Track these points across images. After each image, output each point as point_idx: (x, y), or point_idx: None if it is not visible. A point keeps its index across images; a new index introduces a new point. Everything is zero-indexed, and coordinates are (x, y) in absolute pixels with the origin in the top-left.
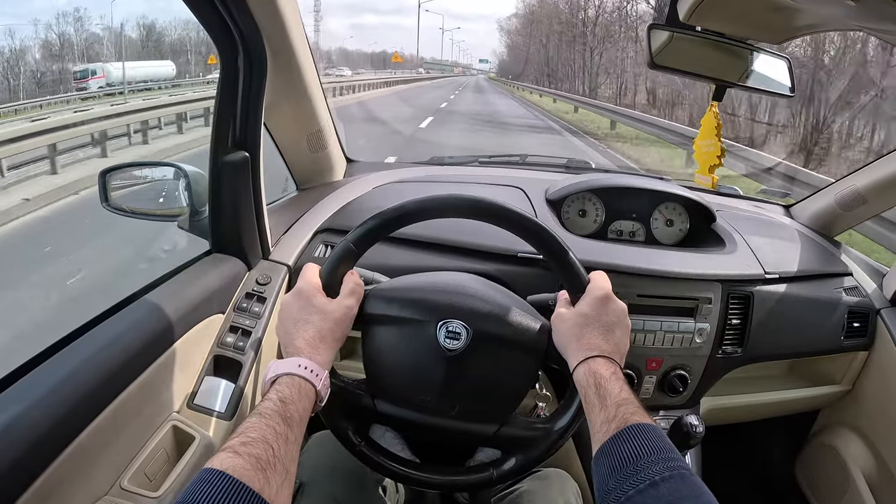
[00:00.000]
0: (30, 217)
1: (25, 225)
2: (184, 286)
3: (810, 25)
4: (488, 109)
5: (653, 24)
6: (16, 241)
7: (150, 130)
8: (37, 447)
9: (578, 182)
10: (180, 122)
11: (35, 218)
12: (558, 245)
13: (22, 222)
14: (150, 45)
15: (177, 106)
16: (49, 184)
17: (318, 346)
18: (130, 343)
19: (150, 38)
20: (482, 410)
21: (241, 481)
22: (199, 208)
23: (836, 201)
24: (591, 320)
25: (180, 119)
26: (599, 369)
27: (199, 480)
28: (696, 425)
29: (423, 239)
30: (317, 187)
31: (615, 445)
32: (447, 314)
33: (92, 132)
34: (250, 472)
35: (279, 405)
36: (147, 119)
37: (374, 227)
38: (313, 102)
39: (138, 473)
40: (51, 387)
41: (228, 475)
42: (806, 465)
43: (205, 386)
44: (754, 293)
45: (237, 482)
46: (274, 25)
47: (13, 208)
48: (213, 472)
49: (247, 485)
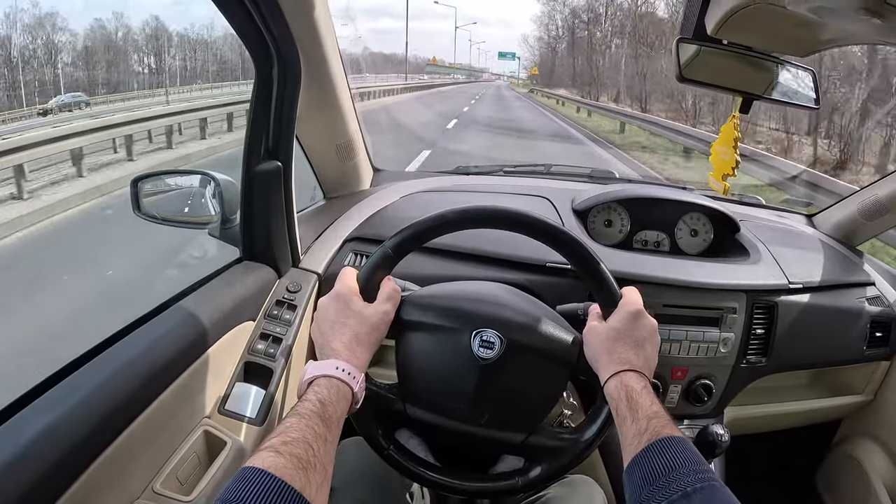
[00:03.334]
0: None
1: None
2: (215, 294)
3: (835, 39)
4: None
5: (681, 38)
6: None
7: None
8: (75, 452)
9: (605, 193)
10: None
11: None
12: (592, 258)
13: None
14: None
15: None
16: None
17: (356, 349)
18: (164, 350)
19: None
20: (511, 419)
21: (284, 480)
22: (230, 216)
23: (859, 211)
24: (622, 335)
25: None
26: (631, 383)
27: (242, 479)
28: (721, 434)
29: (453, 249)
30: (345, 196)
31: (648, 457)
32: (482, 324)
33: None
34: (292, 471)
35: (318, 406)
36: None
37: (413, 235)
38: (344, 113)
39: (171, 477)
40: (88, 392)
41: (270, 474)
42: (827, 476)
43: (236, 392)
44: (778, 303)
45: (279, 481)
46: (308, 36)
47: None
48: (256, 471)
49: (289, 484)
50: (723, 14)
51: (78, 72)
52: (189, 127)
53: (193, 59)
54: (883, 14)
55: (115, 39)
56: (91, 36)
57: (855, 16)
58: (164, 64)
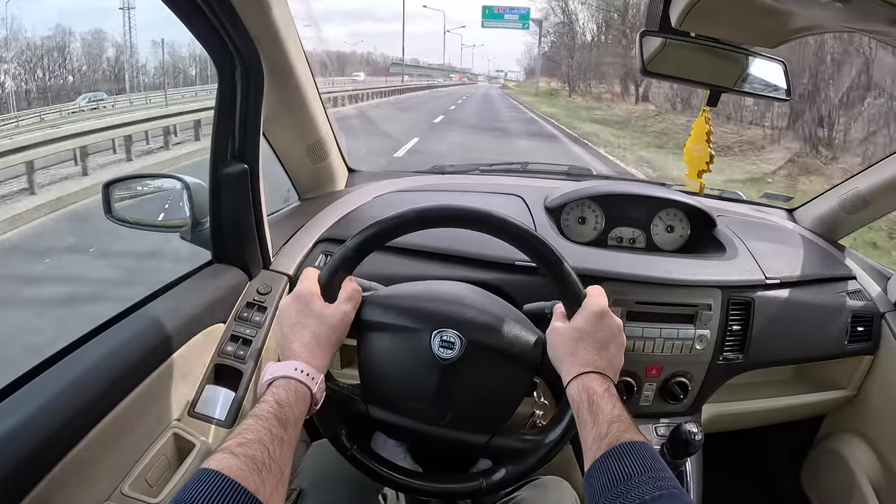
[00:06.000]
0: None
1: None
2: (186, 296)
3: (803, 28)
4: None
5: (645, 31)
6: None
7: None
8: (37, 454)
9: (577, 189)
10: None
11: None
12: (554, 256)
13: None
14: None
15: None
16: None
17: (315, 351)
18: (132, 352)
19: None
20: (474, 420)
21: (237, 482)
22: (201, 219)
23: (840, 204)
24: (586, 335)
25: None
26: (593, 385)
27: (196, 480)
28: (694, 433)
29: (420, 248)
30: (318, 197)
31: (606, 464)
32: (442, 323)
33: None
34: (246, 472)
35: (275, 408)
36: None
37: (373, 235)
38: (312, 114)
39: (139, 479)
40: (52, 395)
41: (224, 475)
42: (811, 471)
43: (205, 394)
44: (755, 299)
45: (233, 482)
46: (269, 40)
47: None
48: (210, 472)
49: (242, 485)
50: (685, 5)
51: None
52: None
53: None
54: None
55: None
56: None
57: (817, 1)
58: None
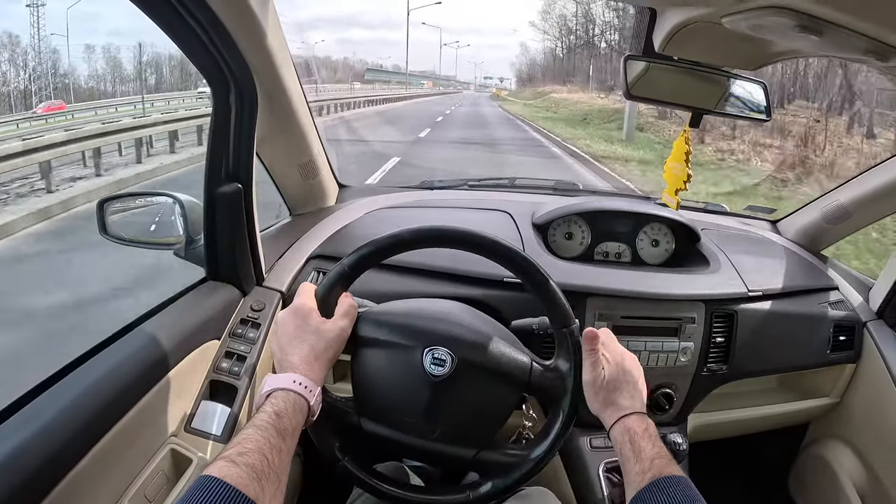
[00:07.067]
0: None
1: None
2: (180, 313)
3: (782, 52)
4: None
5: (629, 56)
6: None
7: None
8: (37, 476)
9: (564, 206)
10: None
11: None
12: (544, 278)
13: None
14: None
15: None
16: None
17: (313, 364)
18: (129, 370)
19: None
20: (462, 434)
21: (238, 489)
22: (195, 237)
23: (822, 216)
24: (618, 384)
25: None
26: (633, 426)
27: (198, 487)
28: (679, 443)
29: (413, 265)
30: (310, 213)
31: (651, 493)
32: (434, 341)
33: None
34: (246, 480)
35: (274, 418)
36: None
37: (369, 254)
38: (305, 134)
39: (138, 495)
40: (51, 416)
41: (226, 483)
42: (798, 478)
43: (202, 410)
44: (738, 311)
45: (234, 490)
46: (264, 65)
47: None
48: (211, 480)
49: (243, 493)
50: (668, 31)
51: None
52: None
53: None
54: (820, 31)
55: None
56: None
57: (792, 33)
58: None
